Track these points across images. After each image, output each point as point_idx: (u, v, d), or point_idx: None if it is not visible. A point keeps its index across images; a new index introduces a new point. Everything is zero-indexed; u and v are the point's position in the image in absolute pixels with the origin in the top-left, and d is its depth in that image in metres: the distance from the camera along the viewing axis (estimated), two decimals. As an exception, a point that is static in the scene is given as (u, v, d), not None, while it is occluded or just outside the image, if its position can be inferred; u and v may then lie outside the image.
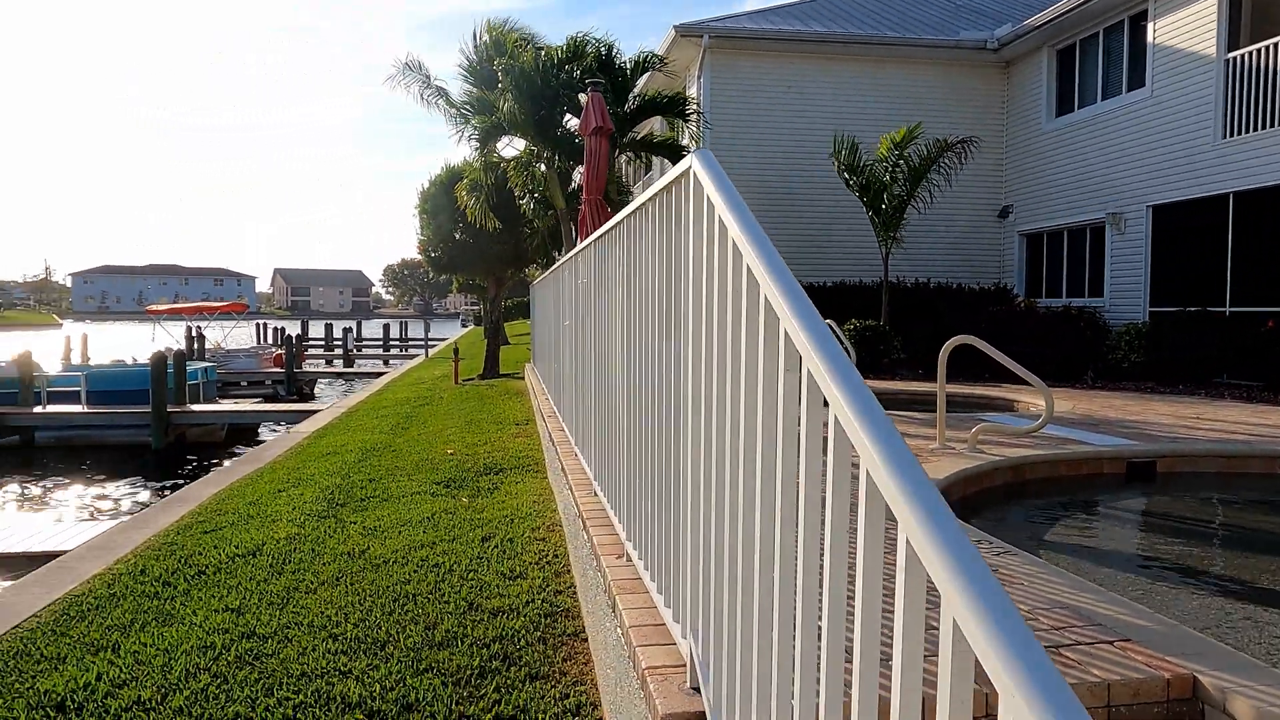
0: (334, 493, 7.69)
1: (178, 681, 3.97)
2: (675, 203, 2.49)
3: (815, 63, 17.49)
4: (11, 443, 17.42)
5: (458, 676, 3.82)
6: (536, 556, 5.39)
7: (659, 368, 2.72)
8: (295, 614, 4.70)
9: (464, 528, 6.20)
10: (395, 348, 47.87)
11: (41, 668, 4.25)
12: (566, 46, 14.02)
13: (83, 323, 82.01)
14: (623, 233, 3.52)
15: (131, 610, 4.97)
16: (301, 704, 3.66)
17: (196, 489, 8.66)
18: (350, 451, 9.99)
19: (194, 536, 6.60)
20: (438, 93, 19.56)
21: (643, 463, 3.03)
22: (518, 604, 4.61)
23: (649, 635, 2.69)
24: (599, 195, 8.75)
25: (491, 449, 9.42)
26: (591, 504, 4.52)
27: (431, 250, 18.77)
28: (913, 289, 16.29)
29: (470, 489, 7.53)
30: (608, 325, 4.00)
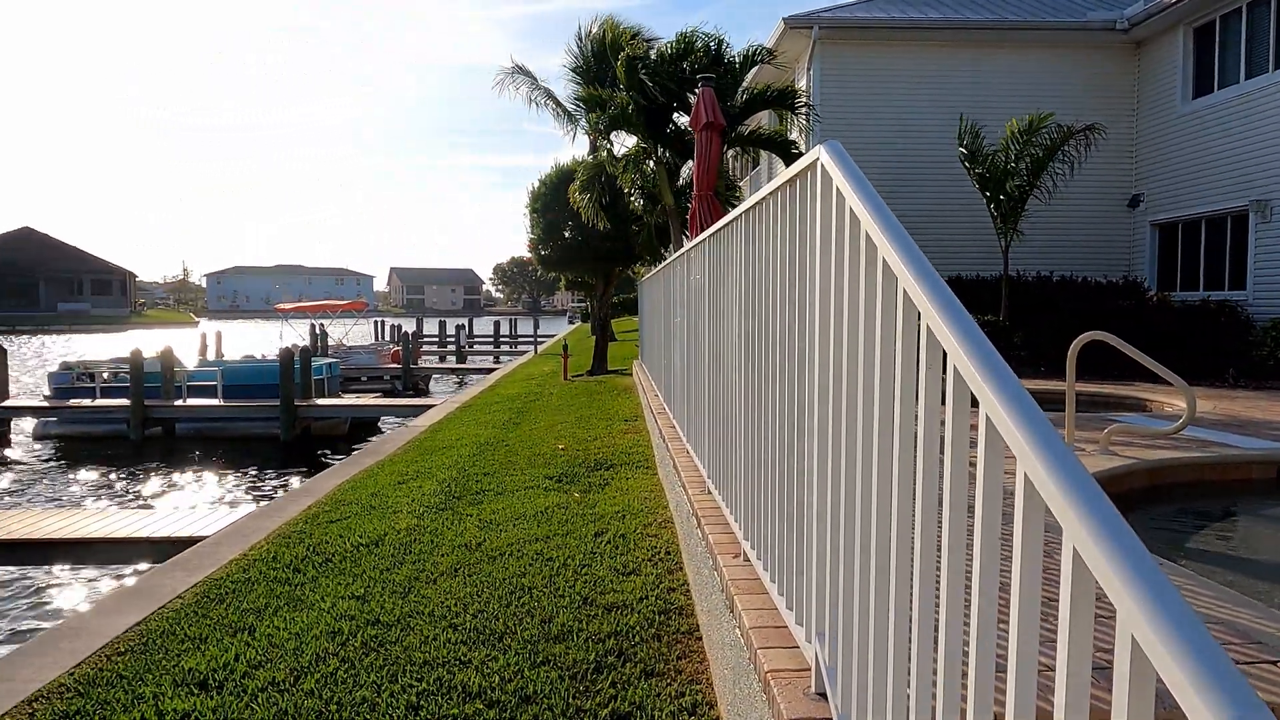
0: (451, 486, 7.90)
1: (309, 665, 4.13)
2: (799, 196, 2.43)
3: (930, 50, 16.96)
4: (155, 434, 18.60)
5: (574, 671, 3.85)
6: (649, 552, 5.40)
7: (781, 365, 2.66)
8: (417, 603, 4.84)
9: (577, 522, 6.26)
10: (505, 344, 48.94)
11: (185, 647, 4.49)
12: (676, 42, 14.01)
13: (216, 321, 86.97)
14: (740, 227, 3.47)
15: (265, 595, 5.21)
16: (424, 691, 3.76)
17: (322, 480, 9.02)
18: (465, 446, 10.23)
19: (321, 525, 6.87)
20: (545, 94, 19.88)
21: (762, 462, 2.98)
22: (632, 600, 4.62)
23: (769, 637, 2.64)
24: (709, 191, 8.68)
25: (602, 445, 9.49)
26: (705, 501, 4.49)
27: (541, 248, 19.08)
28: (1034, 283, 15.62)
29: (582, 484, 7.60)
30: (724, 321, 3.96)
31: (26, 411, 19.36)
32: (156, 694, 3.95)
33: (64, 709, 3.86)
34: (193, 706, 3.78)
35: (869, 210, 1.78)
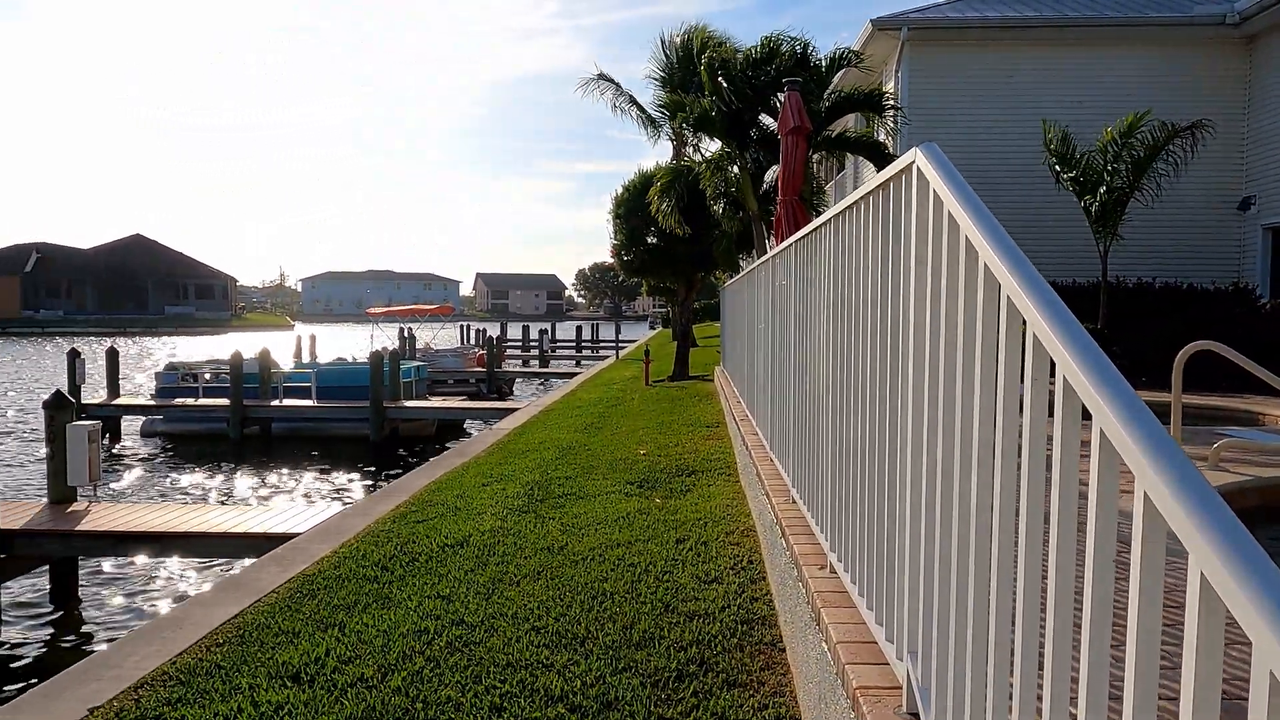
0: (534, 489, 7.97)
1: (395, 662, 4.21)
2: (893, 200, 2.36)
3: (1023, 50, 16.45)
4: (252, 432, 19.34)
5: (656, 678, 3.83)
6: (731, 561, 5.35)
7: (873, 373, 2.59)
8: (500, 605, 4.89)
9: (658, 528, 6.25)
10: (587, 349, 49.34)
11: (279, 640, 4.63)
12: (761, 46, 13.91)
13: (310, 324, 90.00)
14: (829, 233, 3.41)
15: (354, 592, 5.33)
16: (507, 693, 3.79)
17: (409, 480, 9.22)
18: (548, 449, 10.32)
19: (408, 525, 7.01)
20: (629, 100, 20.00)
21: (851, 473, 2.92)
22: (713, 609, 4.58)
23: (858, 652, 2.57)
24: (795, 196, 8.58)
25: (683, 451, 9.46)
26: (790, 511, 4.42)
27: (624, 254, 19.17)
28: (1134, 290, 14.96)
29: (663, 490, 7.59)
30: (811, 328, 3.89)
31: (135, 410, 20.36)
32: (252, 685, 4.07)
33: (166, 696, 4.01)
34: (285, 699, 3.88)
35: (969, 214, 1.72)
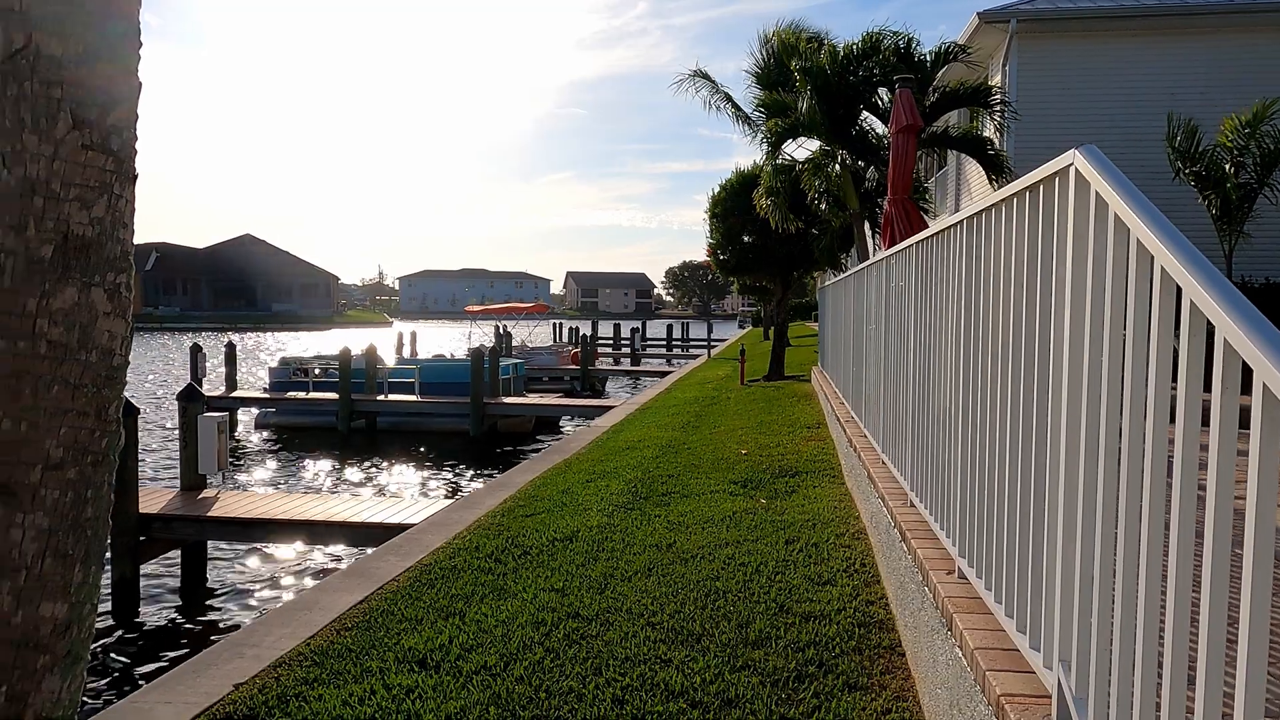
0: (637, 486, 8.06)
1: (516, 652, 4.34)
2: (1045, 202, 2.33)
3: (1140, 39, 15.77)
4: (359, 426, 20.06)
5: (775, 678, 3.85)
6: (844, 563, 5.32)
7: (1016, 379, 2.56)
8: (613, 599, 4.98)
9: (766, 529, 6.25)
10: (677, 347, 49.41)
11: (403, 627, 4.81)
12: (862, 42, 13.72)
13: (407, 321, 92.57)
14: (958, 235, 3.37)
15: (471, 582, 5.50)
16: (628, 686, 3.86)
17: (514, 475, 9.43)
18: (647, 447, 10.41)
19: (517, 519, 7.18)
20: (724, 98, 19.96)
21: (986, 480, 2.88)
22: (829, 610, 4.57)
23: (997, 659, 2.54)
24: (906, 195, 8.44)
25: (784, 451, 9.42)
26: (909, 515, 4.37)
27: (720, 253, 19.15)
28: (1262, 289, 14.20)
29: (767, 490, 7.58)
30: (936, 332, 3.84)
31: (251, 402, 21.34)
32: (381, 668, 4.25)
33: (303, 675, 4.22)
34: (415, 683, 4.04)
35: (1141, 216, 1.69)
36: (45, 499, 1.72)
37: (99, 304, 1.81)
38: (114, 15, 1.88)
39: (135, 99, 1.97)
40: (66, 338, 1.76)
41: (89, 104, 1.85)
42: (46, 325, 1.73)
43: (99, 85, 1.85)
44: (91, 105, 1.84)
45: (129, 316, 1.90)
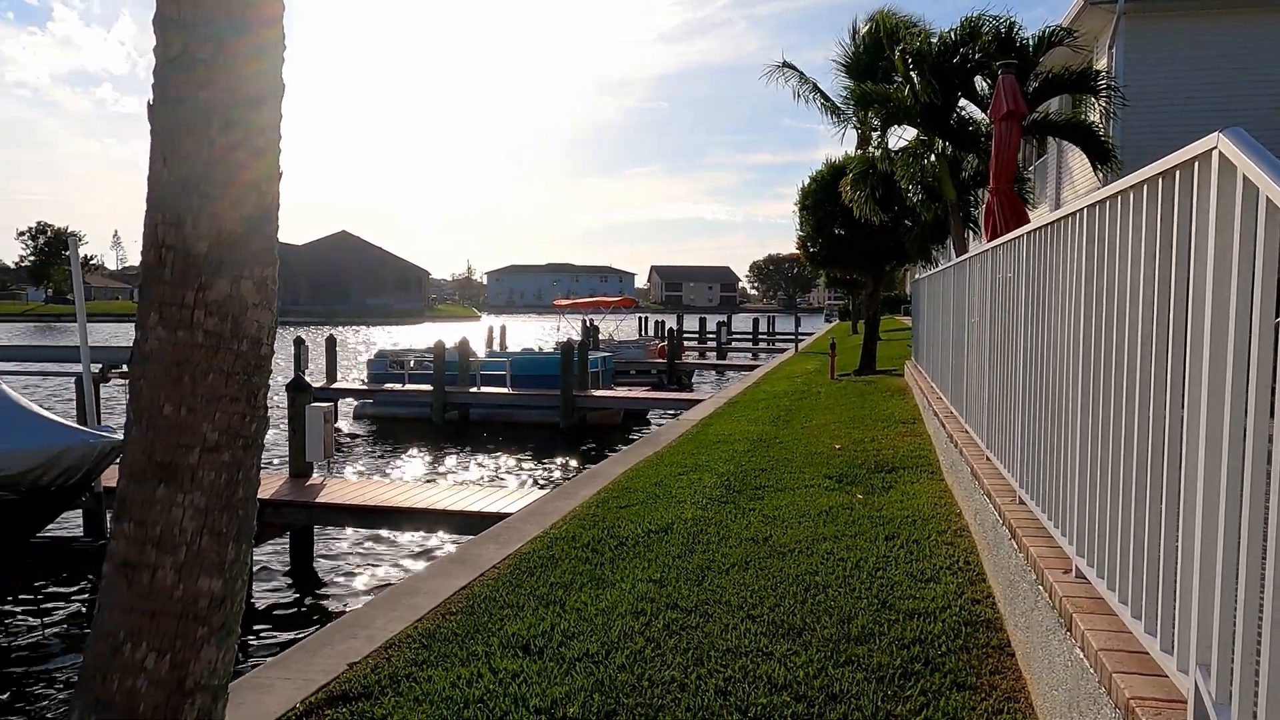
0: (730, 479, 8.05)
1: (617, 640, 4.39)
2: (1181, 189, 2.24)
3: (1260, 18, 14.92)
4: (452, 417, 20.54)
5: (880, 674, 3.81)
6: (947, 561, 5.21)
7: (1148, 371, 2.47)
8: (712, 591, 4.99)
9: (864, 524, 6.17)
10: (763, 341, 49.03)
11: (505, 613, 4.92)
12: (961, 28, 13.34)
13: (494, 315, 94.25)
14: (1076, 225, 3.27)
15: (569, 571, 5.58)
16: (730, 678, 3.87)
17: (607, 467, 9.52)
18: (738, 441, 10.38)
19: (612, 510, 7.25)
20: (813, 89, 19.69)
21: (1112, 476, 2.79)
22: (933, 608, 4.49)
23: (1123, 661, 2.47)
24: (1009, 184, 8.18)
25: (879, 446, 9.28)
26: (1019, 513, 4.26)
27: (810, 245, 18.92)
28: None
29: (864, 486, 7.48)
30: (1050, 325, 3.73)
31: (350, 393, 22.08)
32: (487, 652, 4.35)
33: (413, 657, 4.36)
34: (520, 668, 4.13)
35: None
36: (202, 480, 1.83)
37: (248, 296, 1.91)
38: (261, 20, 1.98)
39: (279, 99, 2.07)
40: (220, 328, 1.86)
41: (238, 105, 1.95)
42: (203, 316, 1.84)
43: (247, 87, 1.95)
44: (240, 107, 1.95)
45: (274, 308, 2.00)
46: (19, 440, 7.53)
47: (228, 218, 1.88)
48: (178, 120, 1.87)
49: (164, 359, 1.80)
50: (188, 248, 1.84)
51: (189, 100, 1.88)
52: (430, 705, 3.77)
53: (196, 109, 1.88)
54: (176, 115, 1.87)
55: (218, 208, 1.87)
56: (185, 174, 1.87)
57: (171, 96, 1.88)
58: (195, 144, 1.86)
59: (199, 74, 1.88)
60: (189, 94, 1.88)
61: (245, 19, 1.93)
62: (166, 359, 1.80)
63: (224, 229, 1.87)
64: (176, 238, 1.84)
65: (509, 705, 3.73)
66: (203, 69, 1.88)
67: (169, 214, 1.84)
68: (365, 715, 3.71)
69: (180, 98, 1.89)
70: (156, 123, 1.89)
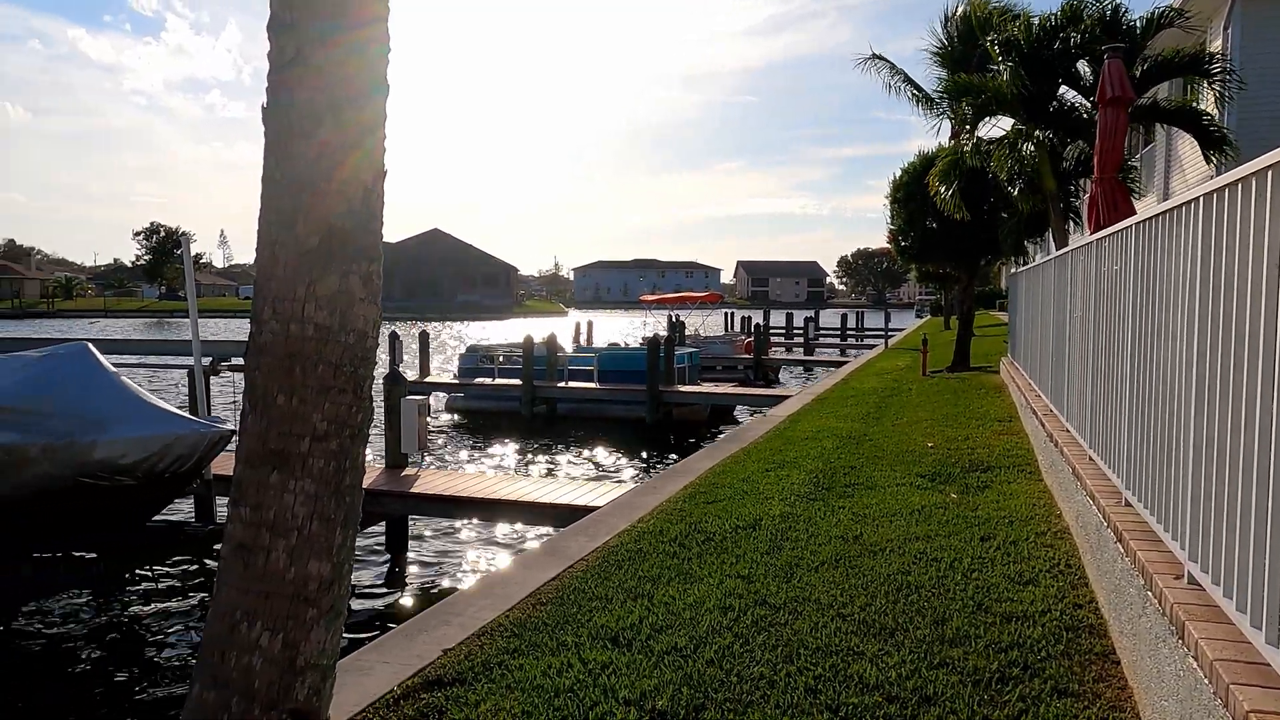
0: (818, 477, 7.95)
1: (705, 635, 4.39)
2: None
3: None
4: (540, 411, 20.84)
5: (975, 677, 3.71)
6: (1046, 563, 5.05)
7: (1273, 367, 2.35)
8: (801, 589, 4.94)
9: (958, 524, 6.02)
10: (851, 337, 48.24)
11: (594, 605, 4.96)
12: (1062, 12, 12.83)
13: (580, 310, 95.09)
14: (1192, 214, 3.11)
15: (657, 565, 5.60)
16: (820, 676, 3.83)
17: (694, 462, 9.52)
18: (827, 438, 10.25)
19: (698, 505, 7.25)
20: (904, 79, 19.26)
21: (1239, 480, 2.66)
22: (1032, 611, 4.36)
23: (1243, 673, 2.35)
24: (1114, 174, 7.84)
25: (974, 445, 9.03)
26: (1125, 515, 4.09)
27: (901, 239, 18.53)
28: None
29: (958, 485, 7.29)
30: (1163, 318, 3.57)
31: (442, 387, 22.62)
32: (576, 643, 4.40)
33: (504, 645, 4.44)
34: (609, 659, 4.17)
35: None
36: (312, 467, 1.90)
37: (355, 290, 1.98)
38: (367, 19, 2.04)
39: (384, 98, 2.13)
40: (330, 321, 1.94)
41: (346, 106, 2.02)
42: (313, 310, 1.92)
43: (354, 88, 2.02)
44: (348, 107, 2.01)
45: (379, 302, 2.07)
46: (137, 429, 7.96)
47: (336, 215, 1.95)
48: (289, 121, 1.95)
49: (277, 351, 1.88)
50: (299, 244, 1.92)
51: (300, 102, 1.95)
52: (522, 693, 3.83)
53: (307, 110, 1.95)
54: (288, 116, 1.95)
55: (327, 205, 1.95)
56: (296, 173, 1.95)
57: (283, 99, 1.96)
58: (305, 144, 1.94)
59: (309, 76, 1.95)
60: (300, 96, 1.95)
61: (354, 19, 2.00)
62: (280, 351, 1.88)
63: (333, 225, 1.94)
64: (288, 234, 1.91)
65: (598, 695, 3.77)
66: (313, 71, 1.95)
67: (281, 212, 1.92)
68: (460, 700, 3.80)
69: (292, 100, 1.96)
70: (269, 124, 1.97)
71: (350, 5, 1.97)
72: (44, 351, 8.90)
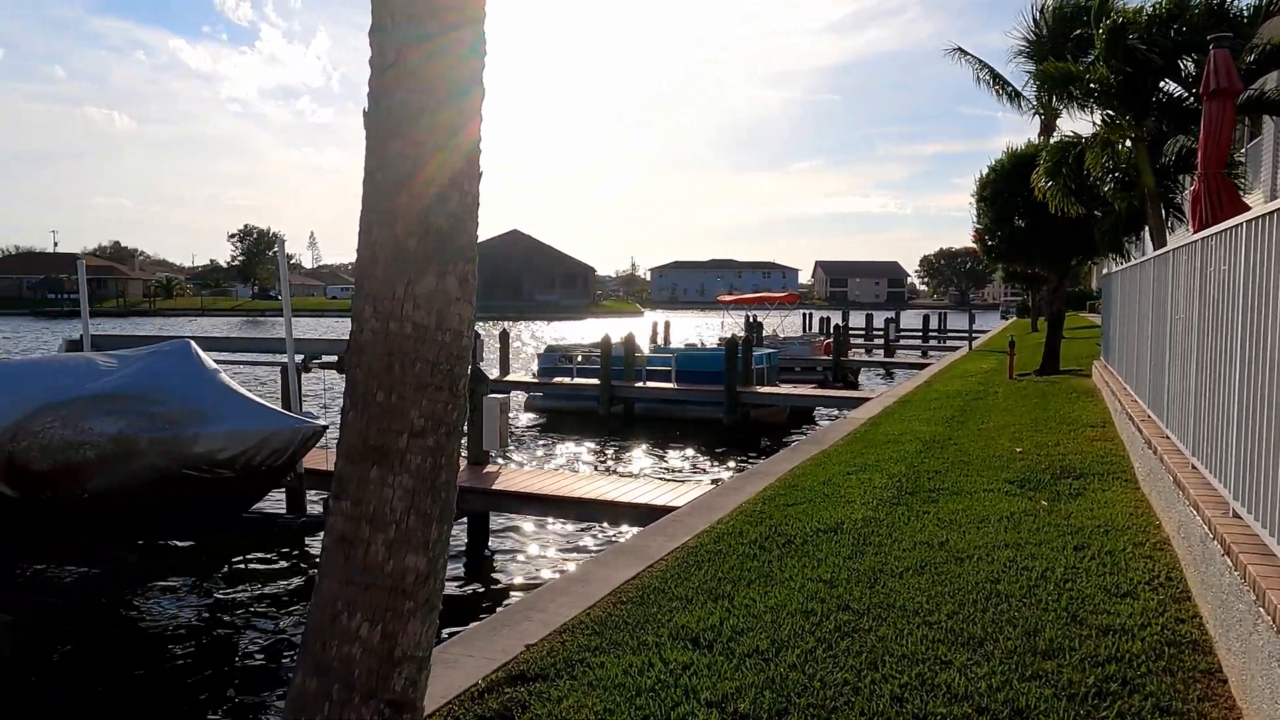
0: (901, 481, 7.80)
1: (787, 639, 4.34)
2: None
3: None
4: (618, 411, 20.94)
5: (1070, 691, 3.59)
6: (1145, 575, 4.85)
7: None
8: (885, 595, 4.85)
9: (1050, 533, 5.83)
10: (934, 339, 47.17)
11: (674, 605, 4.96)
12: (1165, 1, 12.30)
13: (657, 311, 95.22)
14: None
15: (736, 567, 5.57)
16: (906, 685, 3.75)
17: (772, 464, 9.44)
18: (909, 441, 10.05)
19: (778, 508, 7.18)
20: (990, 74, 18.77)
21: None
22: (1130, 625, 4.19)
23: (1368, 697, 2.22)
24: (1219, 169, 7.47)
25: (1065, 451, 8.74)
26: (1233, 527, 3.91)
27: (988, 238, 18.01)
28: None
29: (1048, 492, 7.07)
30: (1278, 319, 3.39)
31: (521, 386, 22.92)
32: (657, 643, 4.41)
33: (585, 643, 4.47)
34: (690, 660, 4.16)
35: None
36: (410, 463, 1.95)
37: (452, 290, 2.02)
38: (464, 22, 2.08)
39: (480, 101, 2.17)
40: (427, 320, 1.98)
41: (441, 107, 2.06)
42: (411, 308, 1.96)
43: (452, 90, 2.06)
44: (445, 110, 2.05)
45: (473, 301, 2.10)
46: (237, 423, 8.28)
47: (434, 215, 2.00)
48: (389, 124, 2.00)
49: (377, 349, 1.93)
50: (398, 244, 1.97)
51: (398, 104, 2.00)
52: (604, 691, 3.85)
53: (405, 112, 2.00)
54: (388, 119, 2.00)
55: (424, 206, 1.99)
56: (396, 174, 2.00)
57: (383, 103, 2.01)
58: (404, 146, 1.99)
59: (408, 79, 2.00)
60: (399, 98, 2.00)
61: (451, 22, 2.04)
62: (379, 349, 1.93)
63: (431, 226, 1.99)
64: (388, 234, 1.96)
65: (680, 696, 3.76)
66: (411, 74, 2.00)
67: (381, 212, 1.97)
68: (542, 696, 3.84)
69: (391, 104, 2.01)
70: (370, 127, 2.03)
71: (448, 10, 2.00)
72: (151, 348, 9.33)
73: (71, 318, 65.98)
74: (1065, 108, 14.32)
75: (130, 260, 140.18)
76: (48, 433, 7.93)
